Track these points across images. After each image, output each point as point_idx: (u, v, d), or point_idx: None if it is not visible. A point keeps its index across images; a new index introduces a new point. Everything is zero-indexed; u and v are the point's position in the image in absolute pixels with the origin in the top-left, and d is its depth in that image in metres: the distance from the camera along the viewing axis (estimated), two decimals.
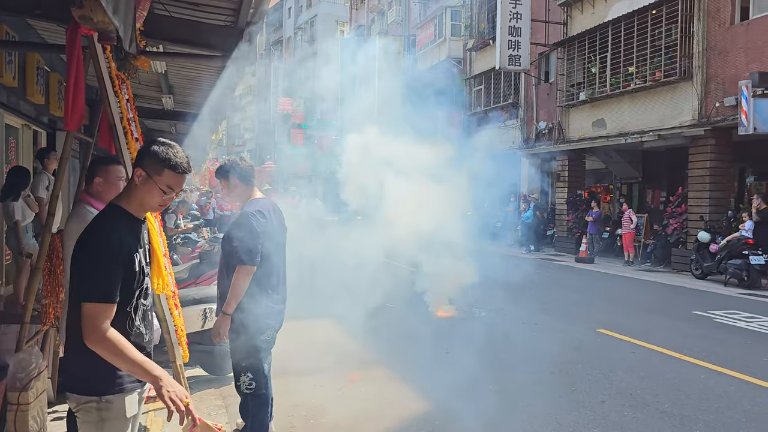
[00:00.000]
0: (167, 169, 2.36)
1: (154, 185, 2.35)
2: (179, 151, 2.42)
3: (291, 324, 7.79)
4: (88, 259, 2.23)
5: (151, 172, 2.35)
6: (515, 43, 19.89)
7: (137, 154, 2.46)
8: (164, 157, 2.35)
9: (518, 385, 5.72)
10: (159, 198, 2.39)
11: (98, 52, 3.98)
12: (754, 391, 5.68)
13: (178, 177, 2.40)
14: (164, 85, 8.79)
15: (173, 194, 2.42)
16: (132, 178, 2.40)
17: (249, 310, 3.78)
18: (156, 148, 2.37)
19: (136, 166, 2.39)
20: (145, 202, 2.40)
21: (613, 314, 9.28)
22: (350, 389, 5.63)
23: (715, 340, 7.69)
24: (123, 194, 2.43)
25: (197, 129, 12.55)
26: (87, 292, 2.19)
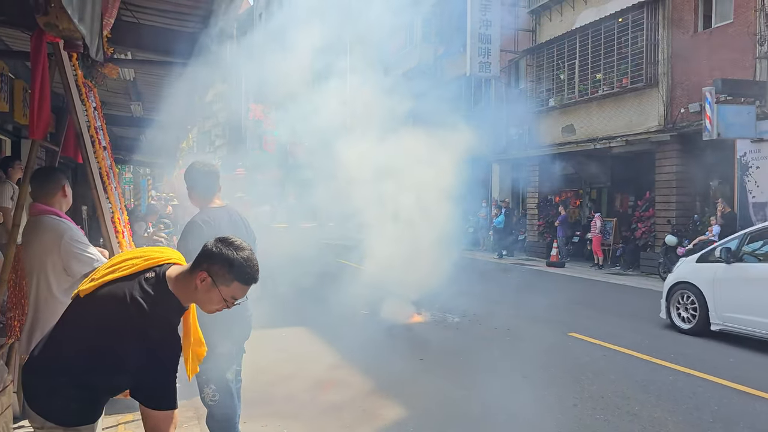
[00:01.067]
0: (238, 281, 2.14)
1: (217, 294, 2.13)
2: (251, 256, 2.17)
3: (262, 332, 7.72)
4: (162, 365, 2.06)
5: (218, 279, 2.11)
6: (485, 50, 20.09)
7: (204, 251, 2.16)
8: (237, 266, 2.12)
9: (490, 390, 5.75)
10: (219, 306, 2.18)
11: (64, 59, 3.92)
12: (721, 391, 5.79)
13: (246, 288, 2.19)
14: (133, 92, 8.69)
15: (235, 304, 2.22)
16: (192, 277, 2.14)
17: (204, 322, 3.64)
18: (230, 254, 2.12)
19: (200, 267, 2.14)
20: (204, 305, 2.20)
21: (584, 318, 9.40)
22: (324, 397, 5.59)
23: (682, 342, 7.84)
24: (179, 285, 2.16)
25: (166, 136, 12.42)
26: (166, 400, 2.08)
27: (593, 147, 17.08)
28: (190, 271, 2.16)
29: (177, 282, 2.16)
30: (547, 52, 19.14)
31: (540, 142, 19.76)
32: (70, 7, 2.28)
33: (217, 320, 3.63)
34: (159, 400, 2.06)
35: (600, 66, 16.90)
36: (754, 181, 12.82)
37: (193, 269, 2.15)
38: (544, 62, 19.33)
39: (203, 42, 5.49)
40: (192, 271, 2.16)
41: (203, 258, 2.15)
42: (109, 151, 4.79)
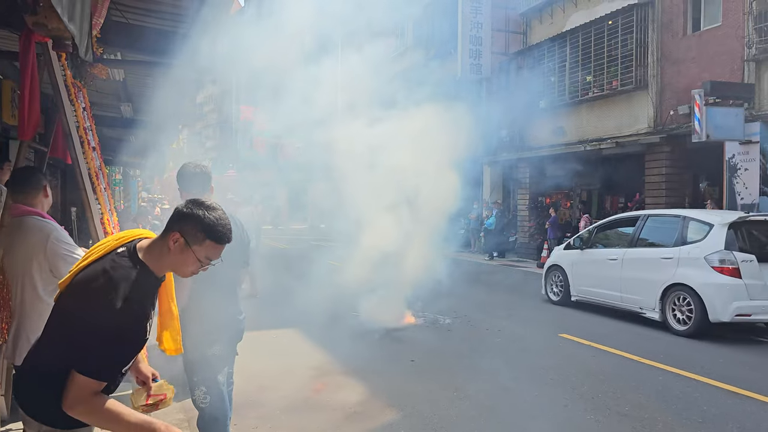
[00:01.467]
0: (210, 240, 2.13)
1: (191, 255, 2.12)
2: (223, 216, 2.17)
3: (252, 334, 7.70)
4: (110, 334, 1.97)
5: (191, 239, 2.10)
6: (476, 52, 20.14)
7: (175, 213, 2.16)
8: (208, 225, 2.11)
9: (482, 392, 5.76)
10: (194, 267, 2.16)
11: (53, 59, 3.89)
12: (710, 391, 5.82)
13: (220, 248, 2.17)
14: (123, 93, 8.64)
15: (210, 264, 2.20)
16: (165, 240, 2.14)
17: (193, 323, 3.55)
18: (200, 213, 2.12)
19: (172, 229, 2.13)
20: (178, 269, 2.18)
21: (575, 319, 9.43)
22: (315, 399, 5.58)
23: (673, 342, 7.88)
24: (152, 252, 2.14)
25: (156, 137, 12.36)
26: (89, 366, 1.96)
27: (583, 149, 17.15)
28: (162, 236, 2.16)
29: (149, 250, 2.14)
30: (537, 55, 19.21)
31: (531, 143, 19.83)
32: (59, 6, 2.26)
33: (209, 322, 3.65)
34: (85, 363, 1.96)
35: (590, 68, 16.98)
36: (742, 182, 12.91)
37: (165, 233, 2.15)
38: (535, 64, 19.40)
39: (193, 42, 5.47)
40: (164, 235, 2.15)
41: (175, 220, 2.14)
42: (98, 152, 4.76)
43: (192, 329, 3.54)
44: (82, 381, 1.96)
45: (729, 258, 8.05)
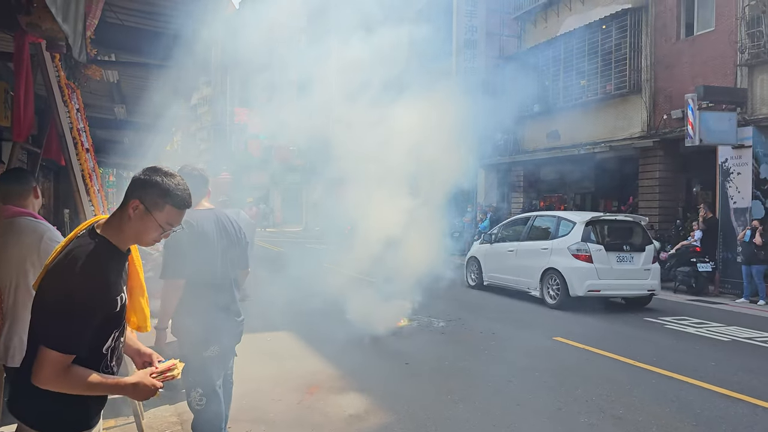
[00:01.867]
0: (170, 205, 2.13)
1: (152, 221, 2.12)
2: (182, 182, 2.18)
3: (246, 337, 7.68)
4: (69, 306, 1.95)
5: (151, 206, 2.10)
6: (471, 55, 20.19)
7: (133, 182, 2.15)
8: (167, 190, 2.12)
9: (476, 394, 5.76)
10: (156, 234, 2.16)
11: (47, 60, 3.88)
12: (703, 394, 5.84)
13: (181, 213, 2.19)
14: (117, 94, 8.61)
15: (171, 231, 2.20)
16: (125, 209, 2.13)
17: (189, 325, 3.59)
18: (159, 179, 2.12)
19: (132, 196, 2.12)
20: (140, 237, 2.16)
21: (569, 322, 9.44)
22: (309, 402, 5.56)
23: (666, 346, 7.90)
24: (112, 224, 2.14)
25: (151, 139, 12.32)
26: (56, 338, 1.95)
27: (577, 152, 17.20)
28: (121, 206, 2.16)
29: (107, 224, 2.14)
30: (532, 58, 19.28)
31: (525, 147, 19.87)
32: (53, 7, 2.25)
33: (206, 323, 3.63)
34: (53, 337, 1.95)
35: (584, 72, 17.04)
36: (735, 186, 12.97)
37: (124, 202, 2.14)
38: (529, 68, 19.46)
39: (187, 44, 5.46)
40: (123, 205, 2.15)
41: (134, 188, 2.14)
42: (92, 154, 4.74)
43: (188, 330, 3.58)
44: (51, 356, 1.95)
45: (584, 248, 10.49)
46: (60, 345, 1.95)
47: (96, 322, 2.04)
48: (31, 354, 2.03)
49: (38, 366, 1.96)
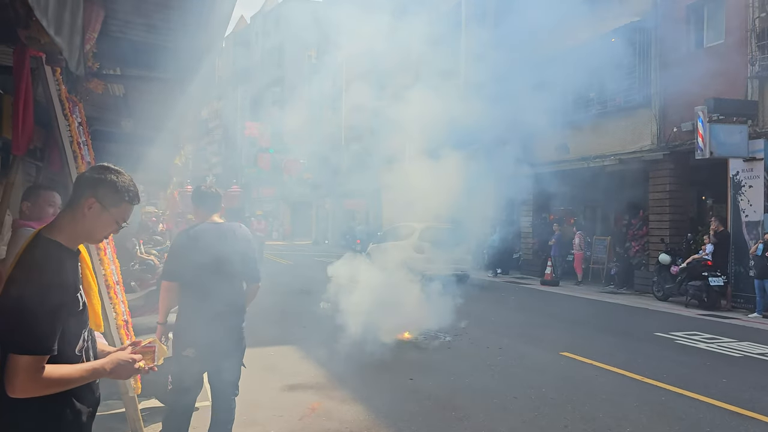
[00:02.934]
0: (126, 201, 2.21)
1: (109, 217, 2.18)
2: (131, 179, 2.26)
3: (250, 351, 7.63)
4: (29, 307, 1.94)
5: (107, 203, 2.16)
6: (478, 68, 20.18)
7: (84, 181, 2.20)
8: (123, 187, 2.19)
9: (482, 411, 5.67)
10: (109, 230, 2.24)
11: (47, 74, 3.88)
12: (713, 412, 5.71)
13: (132, 209, 2.27)
14: (124, 107, 8.63)
15: (123, 226, 2.27)
16: (76, 208, 2.16)
17: (177, 323, 3.97)
18: (113, 178, 2.19)
19: (85, 195, 2.16)
20: (94, 234, 2.21)
21: (577, 337, 9.32)
22: (311, 419, 5.50)
23: (676, 361, 7.76)
24: (59, 225, 2.16)
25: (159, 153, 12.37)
26: (25, 343, 1.93)
27: (587, 165, 17.10)
28: (70, 205, 2.19)
29: (54, 227, 2.16)
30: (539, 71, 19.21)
31: (534, 160, 19.77)
32: (44, 20, 2.24)
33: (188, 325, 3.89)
34: (20, 342, 1.93)
35: (593, 85, 16.97)
36: (747, 200, 12.82)
37: (75, 202, 2.17)
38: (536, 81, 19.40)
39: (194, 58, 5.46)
40: (73, 204, 2.18)
41: (84, 187, 2.17)
42: None
43: (176, 327, 3.98)
44: (22, 361, 1.93)
45: (419, 246, 14.57)
46: (29, 348, 1.94)
47: (62, 323, 2.03)
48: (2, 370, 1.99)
49: (11, 374, 1.93)
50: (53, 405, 2.06)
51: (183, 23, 5.06)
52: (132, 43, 5.50)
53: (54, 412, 2.08)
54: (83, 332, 2.18)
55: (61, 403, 2.09)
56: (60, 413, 2.10)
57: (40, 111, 4.15)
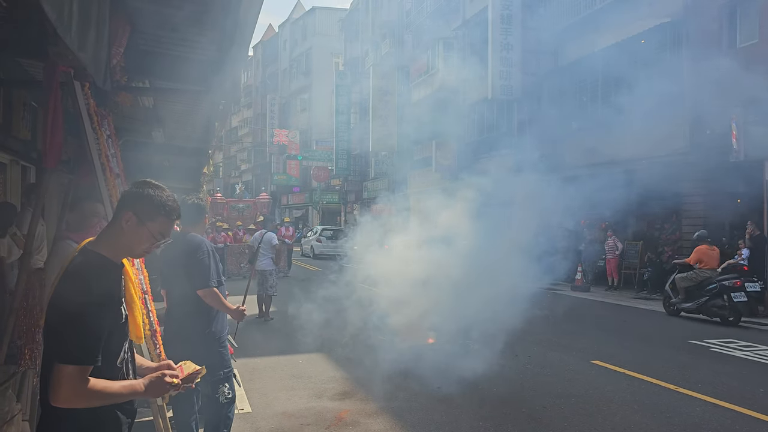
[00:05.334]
0: (162, 216, 2.24)
1: (146, 231, 2.21)
2: (170, 194, 2.30)
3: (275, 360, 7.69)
4: (76, 318, 2.00)
5: (144, 217, 2.20)
6: (507, 73, 20.06)
7: (124, 196, 2.28)
8: (159, 202, 2.22)
9: (511, 421, 5.59)
10: (147, 245, 2.26)
11: (76, 88, 3.96)
12: (750, 424, 5.55)
13: (171, 223, 2.29)
14: (153, 118, 8.77)
15: (163, 241, 2.30)
16: (117, 222, 2.22)
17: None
18: (151, 192, 2.23)
19: (124, 209, 2.22)
20: (133, 248, 2.25)
21: (608, 345, 9.15)
22: (338, 428, 5.48)
23: (711, 370, 7.57)
24: (103, 239, 2.22)
25: (188, 162, 12.54)
26: (72, 353, 1.98)
27: (618, 169, 16.82)
28: (113, 220, 2.27)
29: (99, 240, 2.22)
30: (569, 74, 19.03)
31: (563, 164, 19.55)
32: (68, 37, 2.28)
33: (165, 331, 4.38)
34: (68, 352, 1.99)
35: (623, 87, 16.72)
36: None
37: (116, 216, 2.25)
38: (567, 84, 19.21)
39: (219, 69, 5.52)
40: (114, 218, 2.25)
41: (125, 202, 2.24)
42: (122, 179, 4.81)
43: None
44: (67, 371, 1.98)
45: (318, 237, 27.99)
46: (75, 358, 2.00)
47: (106, 334, 2.08)
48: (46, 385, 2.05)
49: (56, 384, 1.99)
50: (100, 416, 2.12)
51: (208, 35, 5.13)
52: (159, 56, 5.59)
53: (101, 423, 2.14)
54: (124, 344, 2.24)
55: (107, 415, 2.16)
56: (105, 424, 2.16)
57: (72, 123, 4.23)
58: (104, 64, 3.09)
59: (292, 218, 38.04)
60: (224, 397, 4.20)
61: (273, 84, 55.24)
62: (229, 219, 22.44)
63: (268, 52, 57.22)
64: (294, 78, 50.65)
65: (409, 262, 9.07)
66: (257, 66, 59.37)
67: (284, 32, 53.66)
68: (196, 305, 4.19)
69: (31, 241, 4.06)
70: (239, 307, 4.42)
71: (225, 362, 4.25)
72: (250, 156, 59.11)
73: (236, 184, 57.22)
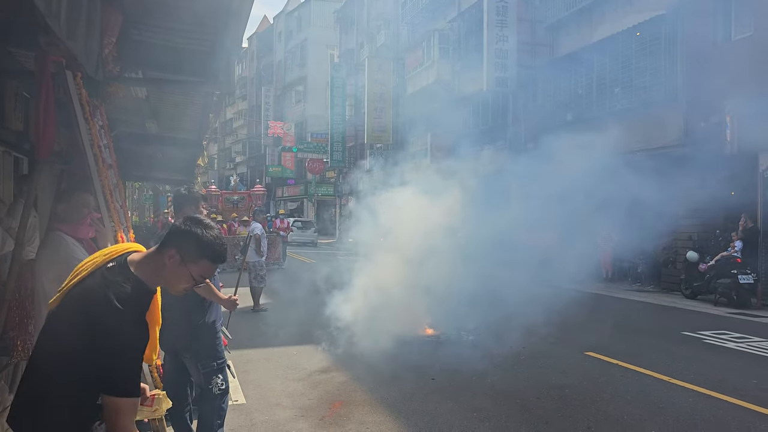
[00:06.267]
0: (206, 259, 2.14)
1: (186, 272, 2.13)
2: (218, 235, 2.17)
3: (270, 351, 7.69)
4: (125, 347, 1.97)
5: (187, 257, 2.11)
6: (502, 64, 20.03)
7: (173, 231, 2.18)
8: (206, 244, 2.12)
9: (504, 412, 5.62)
10: (187, 285, 2.17)
11: (68, 78, 3.92)
12: (742, 414, 5.58)
13: (214, 267, 2.19)
14: (147, 109, 8.72)
15: (202, 283, 2.21)
16: (161, 255, 2.14)
17: None
18: (198, 232, 2.13)
19: (170, 245, 2.13)
20: (171, 285, 2.18)
21: (602, 336, 9.18)
22: (332, 418, 5.50)
23: (704, 361, 7.61)
24: (145, 265, 2.13)
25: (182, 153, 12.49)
26: (128, 386, 1.98)
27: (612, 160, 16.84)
28: (158, 250, 2.16)
29: (141, 264, 2.13)
30: (564, 67, 19.02)
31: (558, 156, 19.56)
32: (56, 25, 2.26)
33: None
34: (123, 386, 1.97)
35: (618, 79, 16.73)
36: None
37: (162, 248, 2.15)
38: (562, 76, 19.21)
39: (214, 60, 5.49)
40: (160, 250, 2.15)
41: (172, 236, 2.15)
42: (115, 169, 4.78)
43: None
44: (126, 404, 1.97)
45: (295, 226, 29.76)
46: (132, 391, 2.00)
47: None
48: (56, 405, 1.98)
49: (115, 418, 1.95)
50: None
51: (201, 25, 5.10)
52: (152, 46, 5.55)
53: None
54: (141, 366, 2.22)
55: None
56: None
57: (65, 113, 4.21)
58: (96, 53, 3.06)
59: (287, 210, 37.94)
60: (218, 388, 4.19)
61: (268, 76, 55.04)
62: (224, 211, 22.38)
63: (263, 44, 57.00)
64: (289, 70, 50.48)
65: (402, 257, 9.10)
66: (252, 58, 59.14)
67: (279, 24, 53.43)
68: (189, 296, 4.18)
69: (23, 232, 4.03)
70: (231, 297, 4.39)
71: (219, 353, 4.24)
72: (245, 148, 58.96)
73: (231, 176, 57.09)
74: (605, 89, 17.24)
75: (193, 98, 7.97)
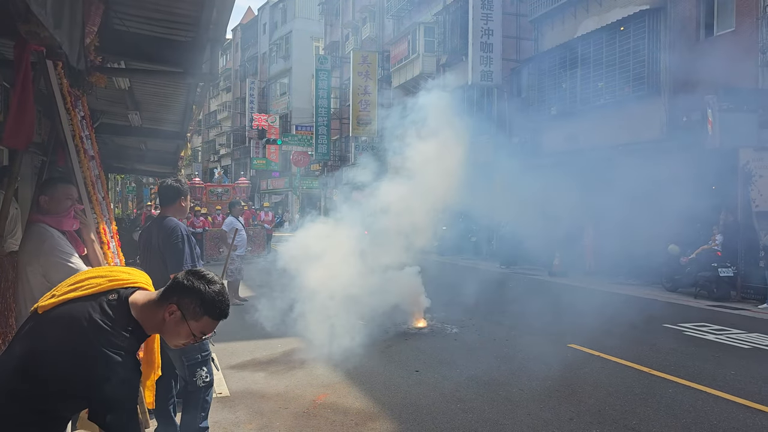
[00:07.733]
0: (208, 317, 2.06)
1: (186, 329, 2.04)
2: (221, 290, 2.09)
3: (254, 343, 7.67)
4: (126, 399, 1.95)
5: (188, 314, 2.03)
6: (487, 58, 20.07)
7: (174, 285, 2.07)
8: (207, 301, 2.04)
9: (487, 403, 5.66)
10: (186, 341, 2.09)
11: (49, 68, 3.87)
12: (721, 405, 5.67)
13: (215, 324, 2.10)
14: (130, 101, 8.63)
15: (203, 339, 2.14)
16: (161, 308, 2.05)
17: None
18: (201, 288, 2.04)
19: (171, 299, 2.04)
20: (170, 340, 2.11)
21: (584, 328, 9.25)
22: (315, 410, 5.50)
23: (684, 353, 7.72)
24: (147, 314, 2.04)
25: (166, 145, 12.39)
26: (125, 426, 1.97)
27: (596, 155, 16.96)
28: (159, 301, 2.07)
29: (143, 310, 2.05)
30: (549, 61, 19.09)
31: (542, 150, 19.68)
32: (42, 14, 2.23)
33: None
34: (121, 424, 1.95)
35: (602, 74, 16.83)
36: (757, 190, 12.69)
37: (162, 300, 2.06)
38: (546, 70, 19.28)
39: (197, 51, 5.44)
40: (160, 302, 2.06)
41: (174, 290, 2.06)
42: (97, 161, 4.74)
43: None
44: None
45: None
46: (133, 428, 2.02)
47: None
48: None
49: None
50: None
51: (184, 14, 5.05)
52: (135, 36, 5.48)
53: None
54: None
55: None
56: None
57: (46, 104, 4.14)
58: (78, 42, 3.02)
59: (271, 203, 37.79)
60: (202, 380, 4.18)
61: (252, 68, 54.63)
62: (208, 204, 22.25)
63: (248, 36, 56.54)
64: (274, 62, 50.15)
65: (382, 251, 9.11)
66: (236, 49, 58.65)
67: (264, 15, 53.01)
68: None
69: (3, 224, 3.98)
70: None
71: (203, 346, 4.23)
72: (229, 140, 58.56)
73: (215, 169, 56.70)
74: (590, 83, 17.31)
75: (177, 90, 7.89)
